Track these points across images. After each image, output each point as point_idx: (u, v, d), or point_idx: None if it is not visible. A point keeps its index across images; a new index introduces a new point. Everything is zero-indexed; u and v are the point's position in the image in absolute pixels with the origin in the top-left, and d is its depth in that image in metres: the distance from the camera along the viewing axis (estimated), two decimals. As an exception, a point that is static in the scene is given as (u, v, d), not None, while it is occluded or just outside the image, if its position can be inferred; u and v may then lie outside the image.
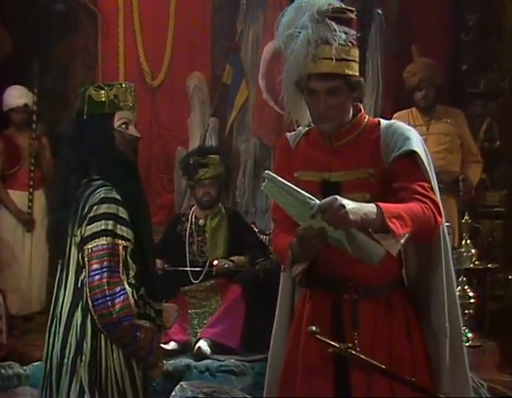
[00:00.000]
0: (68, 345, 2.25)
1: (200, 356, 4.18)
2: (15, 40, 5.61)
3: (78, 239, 2.28)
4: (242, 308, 4.39)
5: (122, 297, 2.19)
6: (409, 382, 2.07)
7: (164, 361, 3.83)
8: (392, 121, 2.29)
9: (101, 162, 2.33)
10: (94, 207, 2.25)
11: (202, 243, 4.69)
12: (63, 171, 2.41)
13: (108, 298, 2.19)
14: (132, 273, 2.27)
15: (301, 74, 2.17)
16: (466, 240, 4.79)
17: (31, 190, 5.32)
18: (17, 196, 5.33)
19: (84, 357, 2.23)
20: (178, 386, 3.69)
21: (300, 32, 2.15)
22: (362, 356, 2.04)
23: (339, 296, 2.21)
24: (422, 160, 2.18)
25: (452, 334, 2.23)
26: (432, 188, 2.18)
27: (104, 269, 2.20)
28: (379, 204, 2.04)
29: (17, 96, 5.30)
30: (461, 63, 5.78)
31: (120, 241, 2.25)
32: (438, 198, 2.20)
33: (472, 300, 4.63)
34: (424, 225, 2.10)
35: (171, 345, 4.30)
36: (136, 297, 2.25)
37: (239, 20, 5.87)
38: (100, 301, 2.19)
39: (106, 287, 2.19)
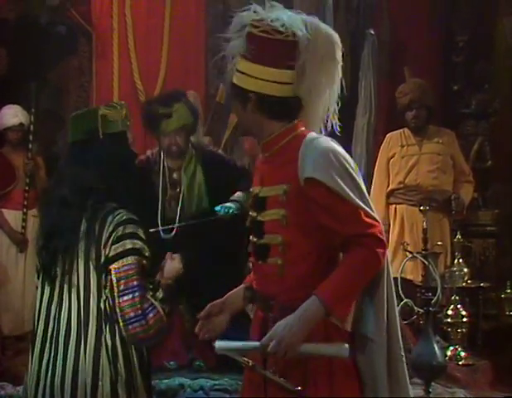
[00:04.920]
0: (100, 368, 2.25)
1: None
2: (13, 60, 5.65)
3: (101, 259, 2.27)
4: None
5: (152, 312, 2.24)
6: None
7: (157, 381, 3.90)
8: (314, 136, 2.18)
9: (122, 182, 2.37)
10: (121, 227, 2.26)
11: (176, 197, 4.26)
12: (67, 193, 2.35)
13: (141, 317, 2.22)
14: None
15: None
16: (458, 259, 4.82)
17: (25, 209, 5.30)
18: (11, 216, 5.32)
19: (120, 377, 2.25)
20: (172, 406, 3.69)
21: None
22: (268, 374, 2.07)
23: (266, 313, 2.22)
24: (336, 188, 2.07)
25: (391, 348, 2.15)
26: (362, 211, 2.07)
27: (135, 288, 2.23)
28: (319, 294, 2.02)
29: (13, 115, 5.32)
30: (453, 83, 5.86)
31: (144, 261, 2.29)
32: (371, 208, 2.10)
33: (465, 319, 4.65)
34: (368, 275, 2.08)
35: (171, 364, 4.28)
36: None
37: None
38: (134, 320, 2.22)
39: (139, 305, 2.23)
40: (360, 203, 2.08)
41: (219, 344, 2.12)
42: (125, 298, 2.22)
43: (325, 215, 2.09)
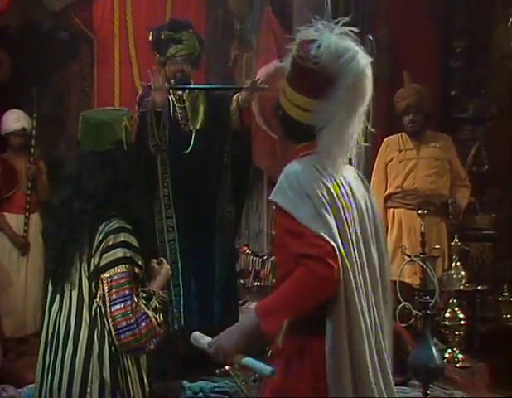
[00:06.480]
0: (90, 373, 2.26)
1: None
2: (15, 65, 5.70)
3: (91, 268, 2.28)
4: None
5: (144, 322, 2.24)
6: None
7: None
8: (296, 160, 2.22)
9: (132, 193, 2.36)
10: (111, 236, 2.26)
11: (184, 111, 4.46)
12: (90, 207, 2.32)
13: (134, 326, 2.23)
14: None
15: None
16: (455, 263, 4.85)
17: (27, 213, 5.34)
18: (13, 220, 5.36)
19: (106, 386, 2.26)
20: (172, 408, 3.72)
21: None
22: (233, 374, 2.17)
23: None
24: (287, 208, 2.11)
25: (359, 377, 2.07)
26: (310, 232, 2.06)
27: (127, 297, 2.24)
28: (257, 306, 2.10)
29: (15, 120, 5.36)
30: (450, 89, 5.91)
31: (136, 270, 2.30)
32: (330, 231, 2.08)
33: (462, 322, 4.69)
34: (307, 295, 2.05)
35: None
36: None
37: (232, 45, 5.96)
38: (126, 329, 2.22)
39: (131, 315, 2.23)
40: (311, 224, 2.06)
41: (194, 334, 2.17)
42: (117, 306, 2.23)
43: (284, 235, 2.14)
